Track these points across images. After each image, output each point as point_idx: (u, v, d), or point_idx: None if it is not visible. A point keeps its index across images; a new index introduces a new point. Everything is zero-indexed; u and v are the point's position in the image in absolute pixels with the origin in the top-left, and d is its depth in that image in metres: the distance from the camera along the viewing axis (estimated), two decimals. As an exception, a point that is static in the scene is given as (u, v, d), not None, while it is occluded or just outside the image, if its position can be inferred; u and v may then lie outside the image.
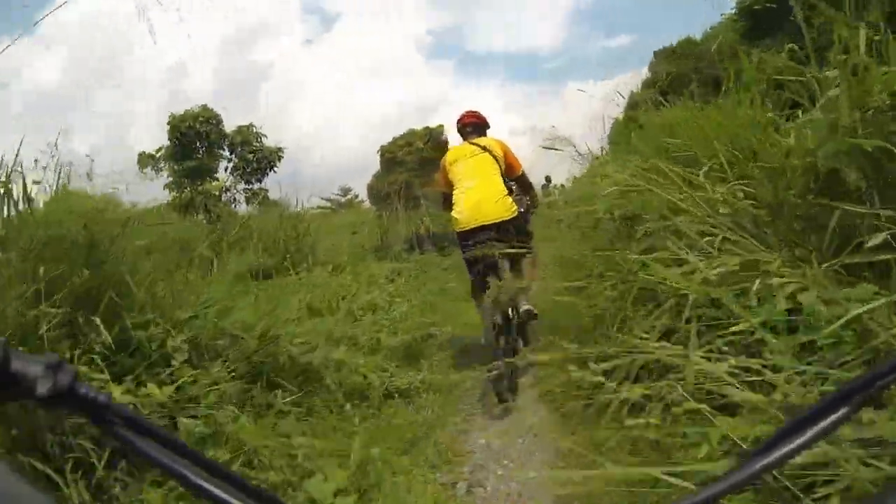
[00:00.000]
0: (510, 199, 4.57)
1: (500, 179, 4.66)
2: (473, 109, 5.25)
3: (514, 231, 4.51)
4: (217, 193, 13.91)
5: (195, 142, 14.12)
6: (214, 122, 14.17)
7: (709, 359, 1.91)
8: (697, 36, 18.05)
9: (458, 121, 5.18)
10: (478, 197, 4.52)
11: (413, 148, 20.55)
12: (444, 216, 6.85)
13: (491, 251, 4.22)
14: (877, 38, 2.58)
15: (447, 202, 4.82)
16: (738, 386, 1.75)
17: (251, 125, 14.52)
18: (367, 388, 3.76)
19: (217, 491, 0.50)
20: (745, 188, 2.87)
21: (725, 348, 1.99)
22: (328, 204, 19.89)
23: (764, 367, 1.83)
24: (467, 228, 4.46)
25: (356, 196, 21.78)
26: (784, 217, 2.59)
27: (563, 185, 7.15)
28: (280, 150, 14.43)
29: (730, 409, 1.85)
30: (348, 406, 3.57)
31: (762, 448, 0.51)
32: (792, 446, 0.50)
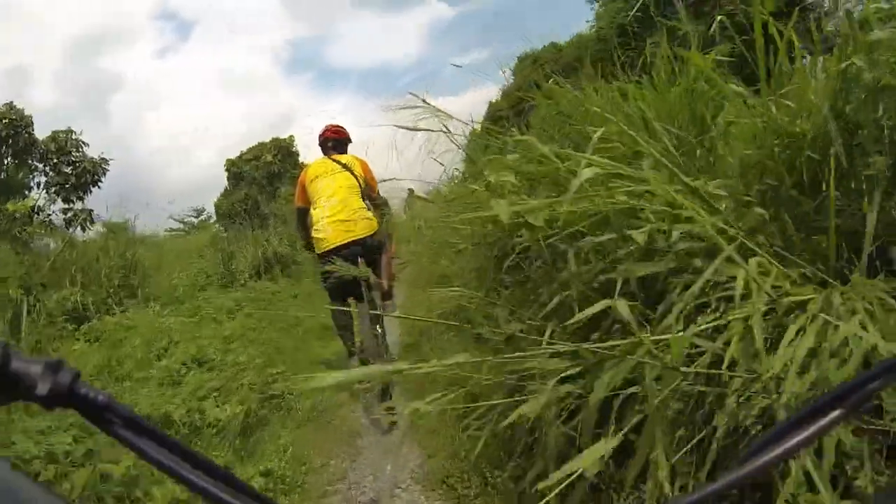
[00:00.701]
0: (371, 215, 4.70)
1: (360, 198, 4.78)
2: (336, 123, 5.29)
3: (376, 247, 4.72)
4: (26, 215, 11.58)
5: (-2, 149, 11.60)
6: (21, 125, 11.70)
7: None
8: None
9: (320, 135, 5.20)
10: (341, 215, 4.61)
11: (261, 161, 18.92)
12: (295, 235, 7.33)
13: (353, 272, 3.88)
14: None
15: (303, 219, 4.87)
16: None
17: (69, 130, 12.25)
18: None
19: (216, 491, 0.51)
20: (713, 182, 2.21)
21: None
22: (181, 226, 17.89)
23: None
24: (331, 247, 4.50)
25: (209, 217, 19.88)
26: (796, 219, 1.95)
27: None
28: (104, 161, 12.29)
29: None
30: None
31: (757, 448, 0.51)
32: (787, 447, 0.51)
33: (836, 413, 0.51)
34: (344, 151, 5.15)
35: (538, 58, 17.51)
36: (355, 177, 4.84)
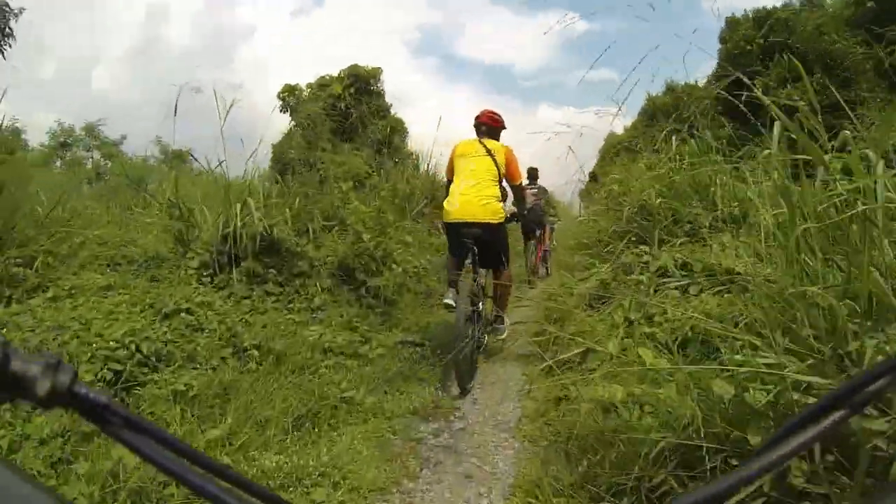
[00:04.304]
0: (500, 206, 5.66)
1: (497, 185, 5.67)
2: (492, 110, 6.15)
3: (497, 236, 5.66)
4: None
5: None
6: None
7: None
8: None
9: (476, 117, 6.05)
10: (471, 196, 5.49)
11: (326, 94, 13.04)
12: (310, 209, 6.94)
13: (470, 248, 5.51)
14: None
15: (447, 190, 6.03)
16: None
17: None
18: None
19: (217, 490, 0.52)
20: None
21: None
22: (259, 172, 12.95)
23: None
24: (453, 221, 5.60)
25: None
26: None
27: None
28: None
29: None
30: None
31: (762, 449, 0.54)
32: (791, 447, 0.53)
33: (840, 413, 0.52)
34: (495, 137, 6.00)
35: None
36: (497, 164, 5.65)
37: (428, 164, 13.79)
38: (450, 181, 5.89)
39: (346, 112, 13.90)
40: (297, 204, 6.96)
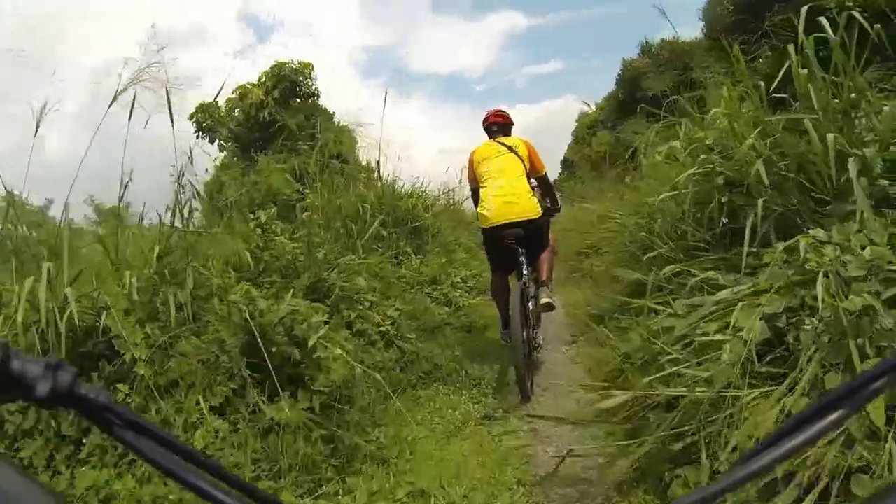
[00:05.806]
0: (536, 200, 5.65)
1: (526, 179, 5.72)
2: (500, 109, 6.22)
3: (540, 230, 5.73)
4: None
5: None
6: None
7: None
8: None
9: (485, 119, 6.14)
10: (506, 196, 5.47)
11: (246, 103, 10.69)
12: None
13: (514, 248, 5.42)
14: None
15: (476, 197, 6.04)
16: None
17: None
18: None
19: (217, 492, 0.52)
20: None
21: None
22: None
23: None
24: (495, 225, 5.53)
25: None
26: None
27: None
28: None
29: None
30: None
31: (760, 448, 0.53)
32: (789, 447, 0.52)
33: (838, 413, 0.52)
34: (508, 134, 6.03)
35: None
36: (520, 158, 5.66)
37: (379, 171, 10.14)
38: (474, 189, 5.99)
39: (269, 122, 11.33)
40: (156, 255, 3.90)
